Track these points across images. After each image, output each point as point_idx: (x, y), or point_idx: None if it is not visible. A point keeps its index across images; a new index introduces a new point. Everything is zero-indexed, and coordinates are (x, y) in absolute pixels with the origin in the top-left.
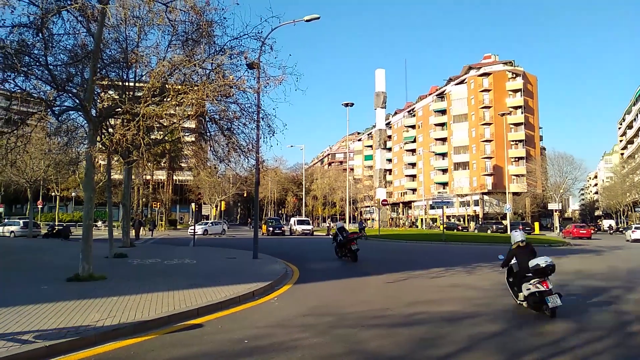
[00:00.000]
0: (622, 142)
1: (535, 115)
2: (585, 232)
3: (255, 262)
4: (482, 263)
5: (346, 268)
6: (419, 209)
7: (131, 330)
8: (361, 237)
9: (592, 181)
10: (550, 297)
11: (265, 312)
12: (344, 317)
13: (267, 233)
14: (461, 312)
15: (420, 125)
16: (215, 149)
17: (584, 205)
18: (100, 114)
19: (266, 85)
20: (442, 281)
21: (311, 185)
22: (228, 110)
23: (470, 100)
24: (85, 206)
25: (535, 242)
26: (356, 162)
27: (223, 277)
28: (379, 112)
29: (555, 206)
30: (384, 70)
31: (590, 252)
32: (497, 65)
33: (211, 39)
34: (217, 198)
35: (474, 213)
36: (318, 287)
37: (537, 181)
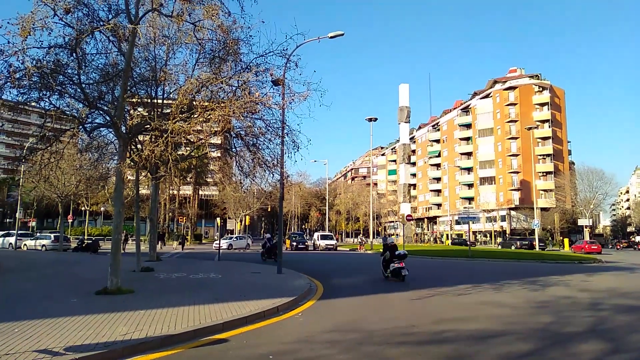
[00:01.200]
0: None
1: (563, 129)
2: (596, 248)
3: (280, 277)
4: (511, 280)
5: (371, 284)
6: (444, 225)
7: (158, 344)
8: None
9: (623, 196)
10: (403, 270)
11: (290, 328)
12: (370, 334)
13: (291, 248)
14: (490, 330)
15: (444, 139)
16: (240, 164)
17: (616, 221)
18: (130, 130)
19: (291, 102)
20: (469, 298)
21: (334, 200)
22: (254, 126)
23: (496, 114)
24: (115, 220)
25: (564, 259)
26: (380, 177)
27: (248, 292)
28: (403, 127)
29: (586, 222)
30: (407, 85)
31: (624, 270)
32: (523, 79)
33: (237, 56)
34: (241, 213)
35: (501, 229)
36: (343, 303)
37: (566, 196)
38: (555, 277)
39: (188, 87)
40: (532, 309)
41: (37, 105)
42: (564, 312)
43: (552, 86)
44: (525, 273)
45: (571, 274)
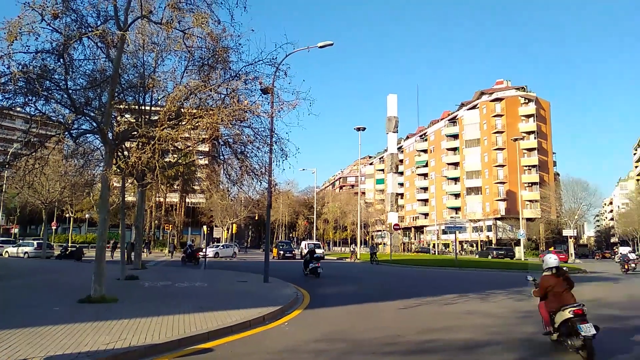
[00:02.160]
0: (638, 168)
1: (548, 141)
2: (564, 257)
3: (266, 285)
4: (497, 290)
5: (358, 294)
6: (431, 234)
7: (142, 353)
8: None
9: (607, 207)
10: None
11: (276, 337)
12: (357, 344)
13: (278, 257)
14: (476, 340)
15: (432, 149)
16: (228, 172)
17: (600, 231)
18: (117, 137)
19: (280, 110)
20: (456, 308)
21: (322, 208)
22: (242, 134)
23: (483, 125)
24: (99, 228)
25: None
26: (368, 186)
27: (234, 301)
28: (391, 137)
29: (570, 232)
30: (396, 95)
31: (609, 280)
32: (510, 91)
33: (226, 64)
34: (228, 221)
35: (487, 238)
36: (329, 313)
37: (551, 207)
38: None
39: (176, 94)
40: (517, 318)
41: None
42: None
43: (537, 98)
44: (511, 283)
45: None
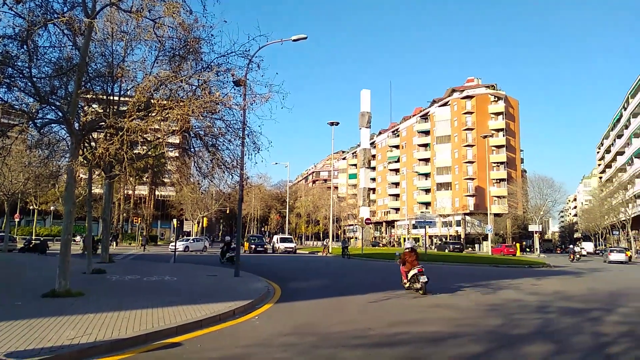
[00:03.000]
0: (601, 166)
1: (516, 138)
2: (512, 251)
3: (237, 280)
4: (464, 283)
5: (329, 287)
6: (401, 229)
7: (108, 348)
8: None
9: (571, 204)
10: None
11: (246, 331)
12: (326, 337)
13: (249, 250)
14: (443, 332)
15: (404, 145)
16: (199, 165)
17: (564, 227)
18: (83, 127)
19: (252, 103)
20: (424, 301)
21: (295, 202)
22: (213, 126)
23: (454, 122)
24: (65, 220)
25: (515, 264)
26: (340, 181)
27: (203, 295)
28: (364, 132)
29: (536, 228)
30: (369, 90)
31: (571, 274)
32: (480, 89)
33: (198, 55)
34: (199, 214)
35: (456, 233)
36: (300, 306)
37: (518, 203)
38: (507, 281)
39: (146, 85)
40: (483, 311)
41: None
42: (514, 314)
43: (507, 96)
44: (479, 276)
45: (521, 277)
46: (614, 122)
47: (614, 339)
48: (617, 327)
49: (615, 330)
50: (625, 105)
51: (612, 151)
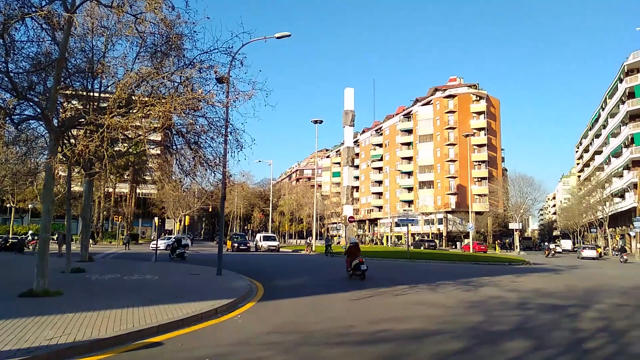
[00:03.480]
0: (579, 165)
1: (497, 137)
2: (483, 248)
3: (219, 278)
4: (446, 281)
5: (311, 285)
6: (384, 227)
7: (87, 348)
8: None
9: (550, 202)
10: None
11: (228, 330)
12: (309, 335)
13: (232, 249)
14: (425, 329)
15: (387, 144)
16: (181, 162)
17: (543, 225)
18: (63, 124)
19: (235, 100)
20: (406, 298)
21: (278, 201)
22: (196, 123)
23: (436, 121)
24: (43, 219)
25: (496, 261)
26: (324, 179)
27: (185, 294)
28: (347, 130)
29: (516, 226)
30: (353, 89)
31: (550, 271)
32: (462, 88)
33: (180, 52)
34: (181, 212)
35: (438, 231)
36: (283, 304)
37: (499, 201)
38: (487, 278)
39: (127, 81)
40: (464, 308)
41: None
42: (494, 311)
43: (488, 96)
44: (460, 274)
45: (502, 275)
46: (593, 122)
47: (590, 334)
48: (594, 322)
49: (591, 326)
50: (603, 105)
51: (590, 150)
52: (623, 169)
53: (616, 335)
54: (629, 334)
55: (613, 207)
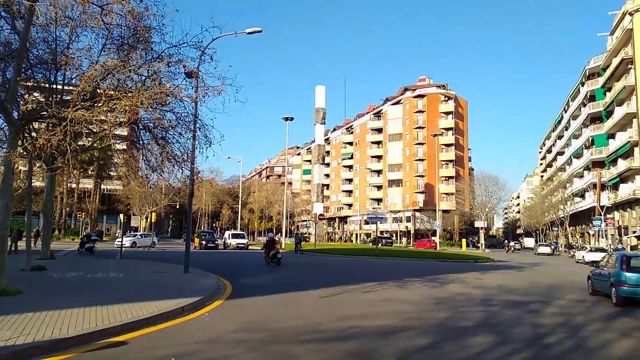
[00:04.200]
0: (542, 166)
1: (465, 137)
2: (434, 245)
3: (186, 276)
4: (413, 278)
5: (280, 283)
6: (354, 224)
7: (48, 348)
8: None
9: (515, 201)
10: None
11: (195, 328)
12: (278, 333)
13: (200, 247)
14: (393, 326)
15: (357, 142)
16: (147, 158)
17: (507, 223)
18: (23, 116)
19: (204, 95)
20: (375, 295)
21: (248, 198)
22: (163, 118)
23: (405, 120)
24: (1, 215)
25: (461, 258)
26: (295, 176)
27: (151, 292)
28: (318, 128)
29: (481, 224)
30: (324, 87)
31: (513, 268)
32: (431, 88)
33: (148, 45)
34: (147, 209)
35: (406, 229)
36: (251, 302)
37: (465, 200)
38: (454, 275)
39: (92, 74)
40: (431, 305)
41: None
42: (460, 307)
43: (456, 96)
44: (428, 271)
45: (467, 272)
46: (556, 124)
47: (551, 329)
48: (554, 318)
49: (552, 321)
50: (566, 107)
51: (553, 151)
52: (584, 170)
53: (574, 330)
54: (586, 329)
55: (574, 206)
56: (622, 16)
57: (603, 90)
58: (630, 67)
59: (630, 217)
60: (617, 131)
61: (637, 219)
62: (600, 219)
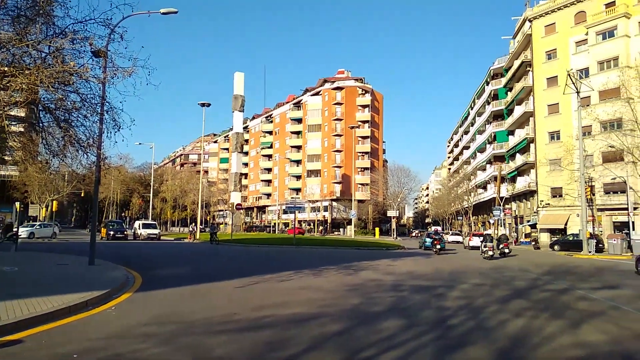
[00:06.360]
0: (450, 159)
1: (380, 130)
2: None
3: (91, 268)
4: (329, 266)
5: (194, 274)
6: (272, 214)
7: None
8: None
9: (424, 192)
10: None
11: (100, 323)
12: (189, 325)
13: (107, 237)
14: (307, 313)
15: (277, 131)
16: (48, 141)
17: (417, 213)
18: None
19: (113, 76)
20: (291, 284)
21: (160, 186)
22: (66, 99)
23: (324, 112)
24: None
25: (375, 246)
26: (211, 165)
27: (51, 286)
28: (237, 115)
29: (394, 213)
30: (243, 73)
31: (421, 255)
32: (349, 81)
33: (50, 18)
34: (48, 197)
35: (324, 218)
36: (162, 294)
37: (379, 190)
38: (367, 262)
39: None
40: (345, 291)
41: None
42: (372, 293)
43: (373, 90)
44: (343, 259)
45: (380, 259)
46: (463, 120)
47: (454, 312)
48: (457, 301)
49: (455, 304)
50: (472, 104)
51: (460, 145)
52: (486, 163)
53: (475, 311)
54: (485, 310)
55: (477, 197)
56: (523, 22)
57: (505, 89)
58: (529, 69)
59: (525, 208)
60: (517, 128)
61: (531, 209)
62: (500, 209)
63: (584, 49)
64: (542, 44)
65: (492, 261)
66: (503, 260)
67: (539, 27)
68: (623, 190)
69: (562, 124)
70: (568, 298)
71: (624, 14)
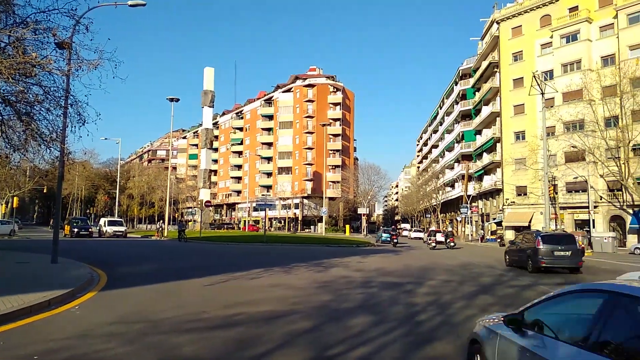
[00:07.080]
0: (419, 157)
1: (351, 128)
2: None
3: (54, 267)
4: (299, 263)
5: (161, 272)
6: (243, 211)
7: None
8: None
9: (394, 190)
10: None
11: (63, 323)
12: (157, 323)
13: (71, 234)
14: (278, 311)
15: (248, 128)
16: (8, 135)
17: (387, 210)
18: None
19: (78, 69)
20: (261, 281)
21: (127, 182)
22: (28, 92)
23: (296, 109)
24: None
25: (345, 243)
26: (180, 161)
27: (10, 286)
28: (206, 111)
29: (364, 210)
30: (213, 69)
31: (390, 252)
32: (321, 79)
33: (10, 7)
34: (8, 193)
35: (295, 215)
36: (129, 293)
37: (350, 188)
38: (337, 259)
39: None
40: (315, 289)
41: None
42: (342, 290)
43: (344, 88)
44: (313, 256)
45: (350, 256)
46: (432, 119)
47: (422, 307)
48: (426, 297)
49: (424, 300)
50: (441, 104)
51: (428, 144)
52: (454, 162)
53: (443, 307)
54: (452, 306)
55: (445, 195)
56: (491, 24)
57: (473, 90)
58: (496, 70)
59: (492, 206)
60: (484, 128)
61: (497, 207)
62: (467, 207)
63: (548, 52)
64: (509, 45)
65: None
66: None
67: (506, 29)
68: (584, 189)
69: (528, 124)
70: (531, 294)
71: (586, 18)
